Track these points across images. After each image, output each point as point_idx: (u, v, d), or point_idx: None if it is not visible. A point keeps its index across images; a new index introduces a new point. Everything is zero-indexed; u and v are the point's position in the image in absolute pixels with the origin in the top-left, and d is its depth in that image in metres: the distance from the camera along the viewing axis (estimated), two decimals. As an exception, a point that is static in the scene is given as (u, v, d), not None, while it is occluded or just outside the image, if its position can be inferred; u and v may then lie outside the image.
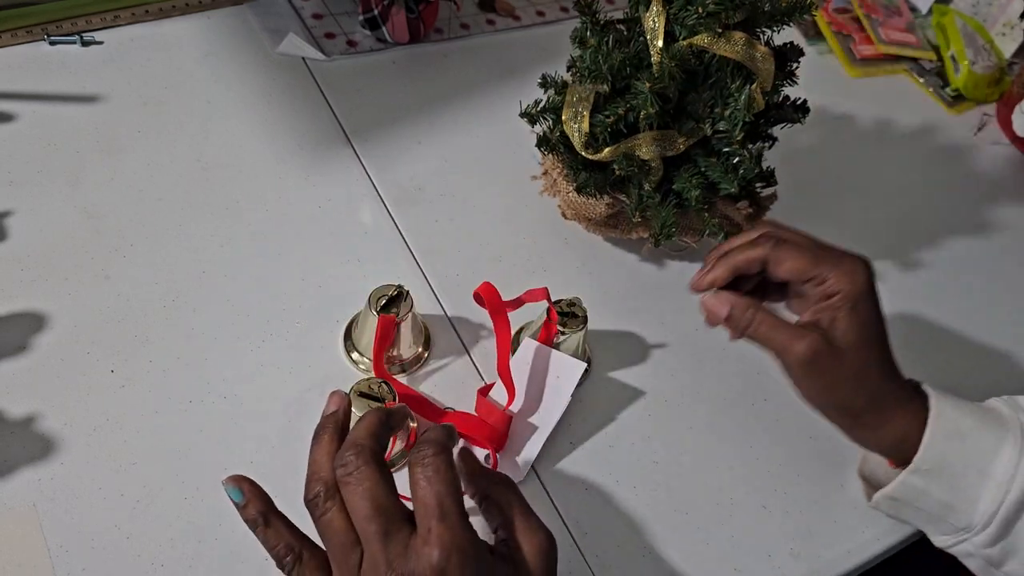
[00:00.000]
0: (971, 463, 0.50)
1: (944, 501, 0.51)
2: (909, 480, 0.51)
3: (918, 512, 0.53)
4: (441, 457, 0.42)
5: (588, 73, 0.60)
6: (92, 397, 0.55)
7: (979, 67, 0.97)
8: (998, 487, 0.50)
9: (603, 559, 0.56)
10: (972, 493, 0.50)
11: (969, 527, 0.51)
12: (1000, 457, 0.50)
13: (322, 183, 0.70)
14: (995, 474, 0.50)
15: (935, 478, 0.51)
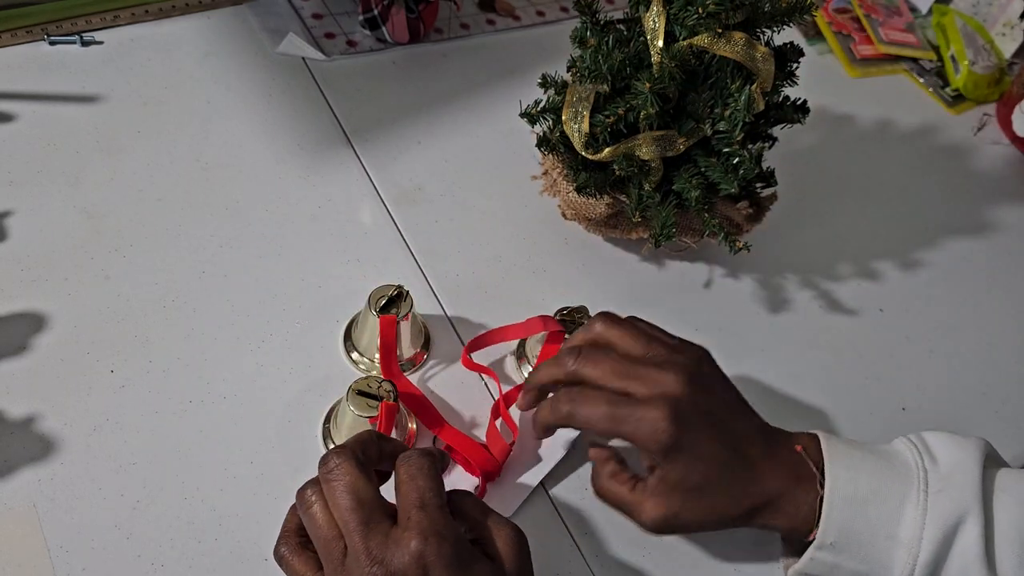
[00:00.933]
0: (877, 529, 0.49)
1: (858, 571, 0.49)
2: (818, 556, 0.49)
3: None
4: (426, 459, 0.45)
5: (588, 73, 0.60)
6: (92, 397, 0.55)
7: (979, 67, 0.97)
8: (908, 551, 0.48)
9: (603, 559, 0.56)
10: (884, 559, 0.49)
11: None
12: (904, 518, 0.48)
13: (322, 183, 0.70)
14: (902, 538, 0.48)
15: (842, 550, 0.49)
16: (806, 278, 0.75)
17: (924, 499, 0.49)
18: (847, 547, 0.49)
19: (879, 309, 0.74)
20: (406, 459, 0.45)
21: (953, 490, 0.49)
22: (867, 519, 0.49)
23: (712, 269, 0.73)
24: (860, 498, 0.49)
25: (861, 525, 0.49)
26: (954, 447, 0.51)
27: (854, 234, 0.80)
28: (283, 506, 0.53)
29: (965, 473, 0.49)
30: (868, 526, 0.49)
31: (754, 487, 0.50)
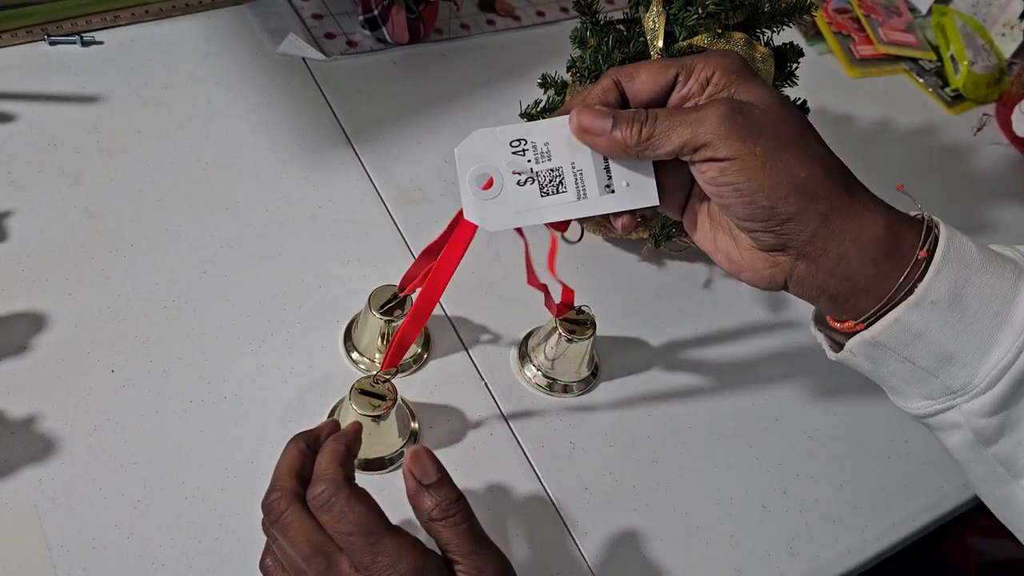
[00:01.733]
0: (989, 300, 0.39)
1: (945, 349, 0.39)
2: (907, 317, 0.39)
3: (902, 364, 0.41)
4: (341, 495, 0.41)
5: (588, 73, 0.60)
6: (92, 397, 0.55)
7: (979, 67, 0.97)
8: (1017, 334, 0.38)
9: (603, 559, 0.56)
10: (984, 339, 0.39)
11: (966, 387, 0.40)
12: (1020, 297, 0.39)
13: (322, 183, 0.70)
14: (1015, 318, 0.39)
15: (942, 315, 0.39)
16: (806, 278, 0.75)
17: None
18: (948, 313, 0.39)
19: (879, 309, 0.74)
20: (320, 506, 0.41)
21: None
22: (982, 286, 0.39)
23: (712, 269, 0.73)
24: (976, 262, 0.40)
25: (973, 291, 0.39)
26: None
27: (854, 234, 0.80)
28: (283, 506, 0.53)
29: None
30: (981, 293, 0.39)
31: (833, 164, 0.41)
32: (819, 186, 0.39)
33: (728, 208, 0.40)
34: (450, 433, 0.59)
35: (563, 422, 0.61)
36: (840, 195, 0.39)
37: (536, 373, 0.62)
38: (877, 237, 0.40)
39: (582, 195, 0.42)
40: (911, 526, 0.62)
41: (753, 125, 0.38)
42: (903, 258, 0.40)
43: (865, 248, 0.40)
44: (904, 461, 0.65)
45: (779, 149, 0.38)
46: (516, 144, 0.42)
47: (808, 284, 0.41)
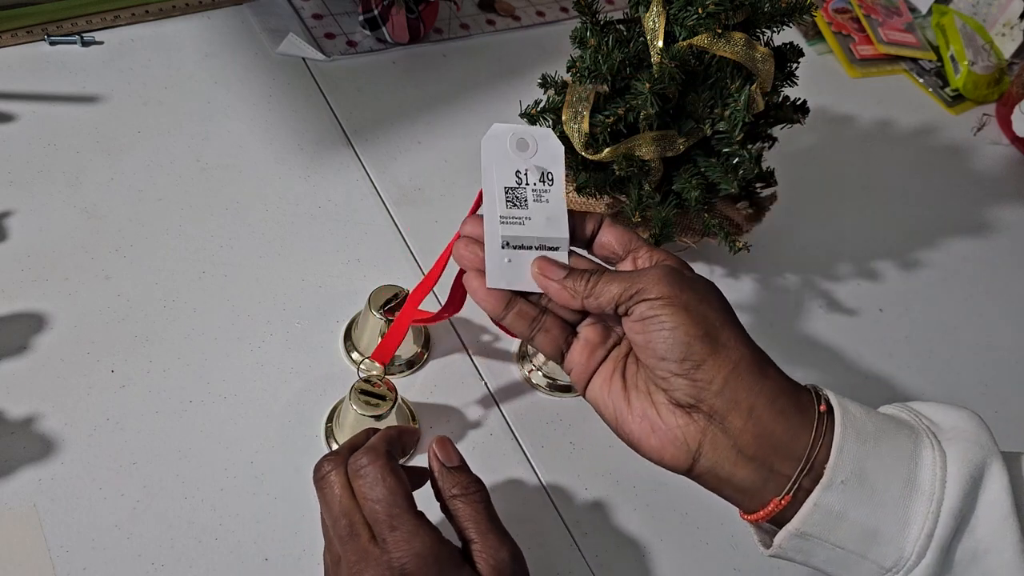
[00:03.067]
0: (893, 470, 0.40)
1: (867, 526, 0.40)
2: (823, 500, 0.40)
3: (833, 552, 0.41)
4: (377, 464, 0.43)
5: (588, 73, 0.60)
6: (92, 397, 0.55)
7: (979, 67, 0.97)
8: (928, 498, 0.39)
9: (603, 559, 0.56)
10: (900, 510, 0.39)
11: (899, 563, 0.40)
12: (922, 461, 0.40)
13: (322, 183, 0.70)
14: (922, 482, 0.39)
15: (854, 492, 0.39)
16: (806, 278, 0.75)
17: (938, 443, 0.40)
18: (859, 490, 0.40)
19: (879, 309, 0.74)
20: (356, 472, 0.44)
21: (966, 437, 0.41)
22: (881, 457, 0.40)
23: (712, 269, 0.73)
24: (872, 434, 0.40)
25: (876, 464, 0.40)
26: (946, 410, 0.44)
27: (854, 234, 0.80)
28: (283, 506, 0.53)
29: (970, 424, 0.42)
30: (882, 465, 0.40)
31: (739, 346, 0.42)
32: (730, 337, 0.42)
33: (649, 344, 0.43)
34: (450, 433, 0.59)
35: (563, 422, 0.61)
36: (747, 349, 0.42)
37: (536, 373, 0.62)
38: (782, 391, 0.42)
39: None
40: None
41: (684, 280, 0.43)
42: (807, 414, 0.41)
43: (773, 401, 0.41)
44: (904, 461, 0.65)
45: (701, 302, 0.43)
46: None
47: (722, 447, 0.42)
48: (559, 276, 0.45)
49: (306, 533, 0.53)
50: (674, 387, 0.42)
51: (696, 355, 0.42)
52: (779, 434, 0.41)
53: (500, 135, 0.47)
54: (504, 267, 0.46)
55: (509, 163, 0.47)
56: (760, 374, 0.42)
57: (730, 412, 0.41)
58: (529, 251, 0.46)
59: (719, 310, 0.43)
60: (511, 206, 0.47)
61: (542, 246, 0.46)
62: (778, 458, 0.41)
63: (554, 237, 0.46)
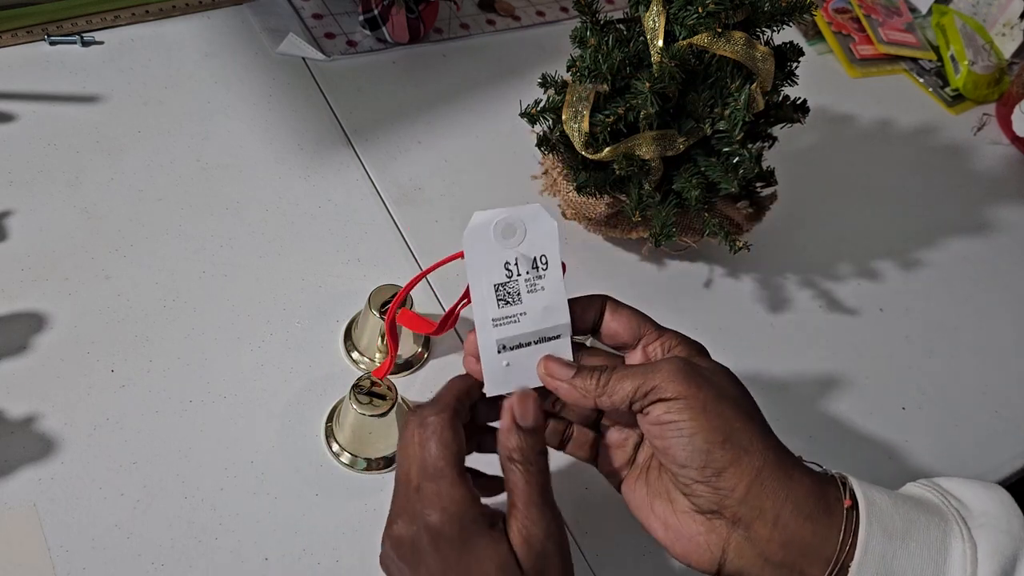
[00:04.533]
0: (922, 567, 0.39)
1: None
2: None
3: None
4: (440, 418, 0.42)
5: (588, 73, 0.60)
6: (92, 397, 0.55)
7: (979, 67, 0.97)
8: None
9: (603, 559, 0.56)
10: None
11: None
12: (951, 557, 0.39)
13: (322, 183, 0.70)
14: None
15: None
16: (806, 278, 0.75)
17: (968, 533, 0.40)
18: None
19: (879, 309, 0.74)
20: (419, 420, 0.43)
21: (999, 524, 0.40)
22: (910, 555, 0.39)
23: (712, 269, 0.73)
24: (900, 531, 0.40)
25: (903, 563, 0.39)
26: (974, 487, 0.43)
27: (854, 234, 0.80)
28: (283, 506, 0.53)
29: (1001, 509, 0.41)
30: (910, 564, 0.39)
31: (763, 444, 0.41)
32: (752, 440, 0.41)
33: (668, 451, 0.41)
34: (450, 433, 0.59)
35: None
36: (770, 452, 0.41)
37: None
38: (808, 493, 0.41)
39: None
40: None
41: (700, 376, 0.41)
42: (834, 514, 0.40)
43: (799, 506, 0.40)
44: (903, 461, 0.65)
45: (720, 400, 0.41)
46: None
47: (748, 555, 0.41)
48: (567, 376, 0.44)
49: (306, 533, 0.53)
50: (695, 493, 0.42)
51: (717, 462, 0.40)
52: (807, 539, 0.40)
53: (482, 226, 0.44)
54: (503, 371, 0.44)
55: (496, 256, 0.44)
56: (785, 478, 0.41)
57: (755, 521, 0.40)
58: (528, 348, 0.43)
59: (739, 407, 0.41)
60: (503, 304, 0.44)
61: (542, 339, 0.43)
62: (806, 562, 0.40)
63: (553, 326, 0.44)
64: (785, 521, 0.40)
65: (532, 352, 0.43)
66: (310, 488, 0.54)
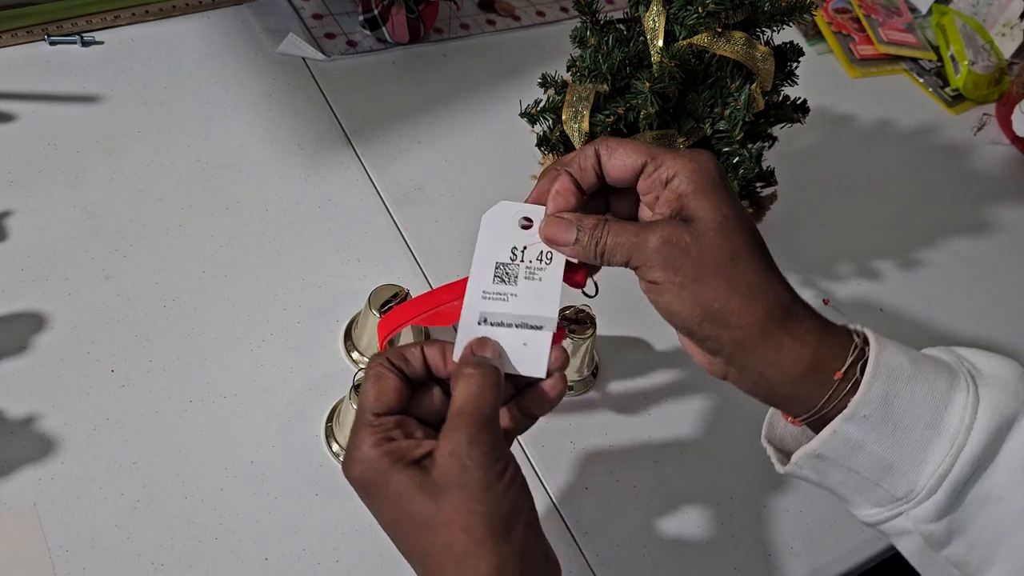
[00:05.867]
0: (920, 411, 0.40)
1: (883, 459, 0.41)
2: (843, 430, 0.40)
3: (847, 475, 0.42)
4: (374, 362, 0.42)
5: (588, 73, 0.60)
6: (92, 397, 0.55)
7: (979, 67, 0.97)
8: (950, 443, 0.40)
9: (603, 559, 0.56)
10: (919, 450, 0.40)
11: (910, 494, 0.41)
12: (953, 406, 0.40)
13: (322, 183, 0.70)
14: (947, 427, 0.40)
15: (876, 427, 0.40)
16: (806, 278, 0.75)
17: (974, 389, 0.41)
18: (881, 425, 0.40)
19: (879, 309, 0.74)
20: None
21: (1006, 387, 0.41)
22: (912, 397, 0.40)
23: (712, 269, 0.72)
24: (907, 374, 0.41)
25: (904, 403, 0.40)
26: (990, 356, 0.44)
27: (854, 234, 0.80)
28: (283, 506, 0.53)
29: (1011, 374, 0.42)
30: (912, 406, 0.40)
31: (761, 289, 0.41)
32: (732, 316, 0.41)
33: (658, 309, 0.43)
34: (450, 433, 0.59)
35: (563, 422, 0.61)
36: (757, 325, 0.41)
37: (536, 373, 0.62)
38: (796, 362, 0.41)
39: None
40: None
41: (680, 253, 0.41)
42: (823, 381, 0.41)
43: (783, 371, 0.41)
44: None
45: (698, 279, 0.41)
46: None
47: (741, 386, 0.44)
48: (570, 239, 0.43)
49: (306, 533, 0.53)
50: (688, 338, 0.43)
51: (696, 334, 0.42)
52: (788, 394, 0.42)
53: (503, 213, 0.45)
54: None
55: (507, 240, 0.45)
56: (771, 347, 0.41)
57: (743, 371, 0.42)
58: (508, 329, 0.43)
59: (724, 281, 0.41)
60: (498, 281, 0.44)
61: (523, 325, 0.43)
62: (790, 407, 0.43)
63: (539, 316, 0.44)
64: (768, 379, 0.42)
65: (511, 335, 0.44)
66: (310, 488, 0.54)
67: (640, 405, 0.63)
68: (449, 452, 0.38)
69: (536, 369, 0.43)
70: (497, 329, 0.43)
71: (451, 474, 0.38)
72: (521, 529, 0.39)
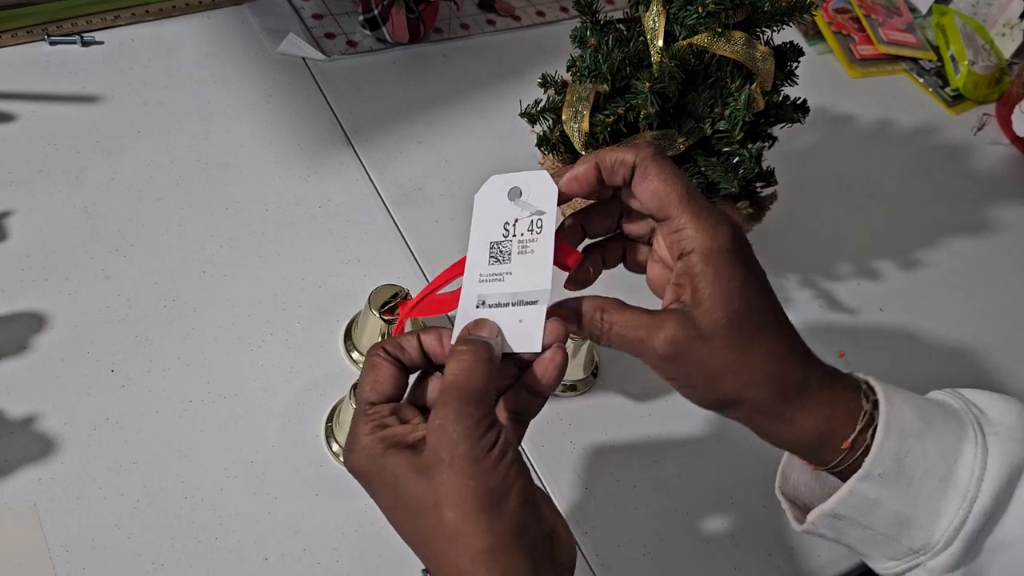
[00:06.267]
0: (932, 467, 0.41)
1: (900, 514, 0.41)
2: (859, 489, 0.41)
3: (864, 532, 0.43)
4: (372, 351, 0.42)
5: (588, 73, 0.60)
6: (92, 397, 0.55)
7: (979, 67, 0.97)
8: (963, 496, 0.41)
9: (604, 559, 0.56)
10: (933, 504, 0.41)
11: (926, 547, 0.42)
12: (963, 458, 0.41)
13: (322, 183, 0.70)
14: (959, 480, 0.41)
15: (891, 485, 0.41)
16: (806, 278, 0.75)
17: (983, 439, 0.42)
18: (896, 482, 0.41)
19: (879, 309, 0.74)
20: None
21: (1013, 434, 0.42)
22: (924, 453, 0.41)
23: (712, 269, 0.72)
24: (916, 431, 0.41)
25: (916, 459, 0.41)
26: (995, 399, 0.45)
27: (854, 234, 0.80)
28: (283, 506, 0.53)
29: (1018, 419, 0.43)
30: (924, 461, 0.41)
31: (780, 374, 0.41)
32: (745, 402, 0.42)
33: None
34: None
35: (563, 422, 0.61)
36: (767, 405, 0.42)
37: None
38: (805, 434, 0.42)
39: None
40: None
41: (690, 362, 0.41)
42: (834, 446, 0.42)
43: (794, 440, 0.43)
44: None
45: (711, 381, 0.41)
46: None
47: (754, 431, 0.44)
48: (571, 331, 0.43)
49: (306, 533, 0.53)
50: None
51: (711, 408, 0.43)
52: (799, 455, 0.44)
53: (494, 188, 0.45)
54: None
55: (499, 216, 0.45)
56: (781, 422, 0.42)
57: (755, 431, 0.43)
58: (505, 308, 0.43)
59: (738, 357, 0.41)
60: (493, 262, 0.44)
61: (519, 302, 0.43)
62: (799, 462, 0.46)
63: (533, 290, 0.43)
64: (779, 442, 0.43)
65: (507, 314, 0.43)
66: (310, 488, 0.54)
67: (640, 405, 0.63)
68: (437, 427, 0.38)
69: (532, 344, 0.42)
70: (494, 310, 0.43)
71: (440, 450, 0.37)
72: (514, 505, 0.37)
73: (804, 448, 0.43)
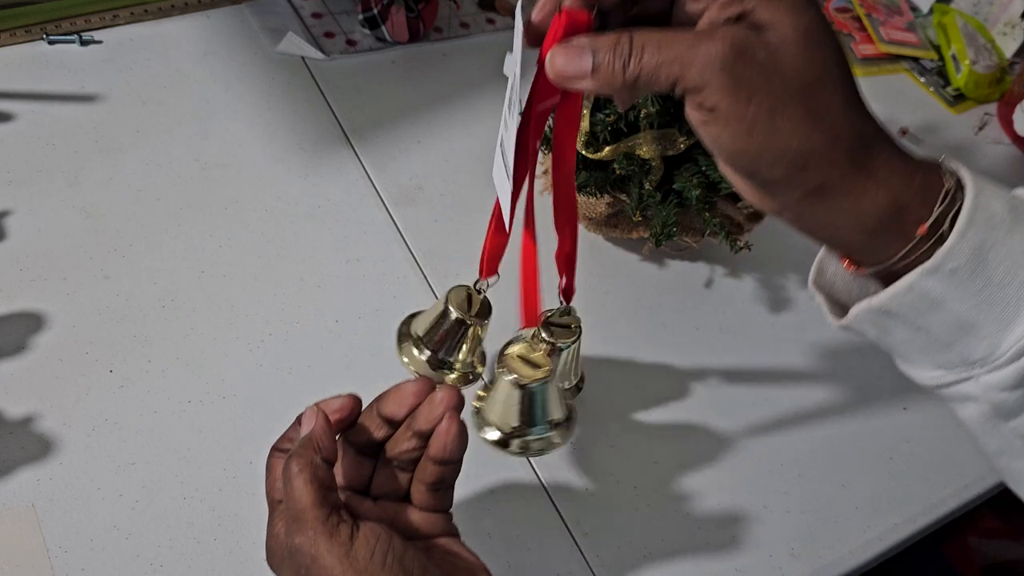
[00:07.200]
0: (1016, 266, 0.34)
1: (964, 319, 0.35)
2: (922, 285, 0.34)
3: (915, 335, 0.36)
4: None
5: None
6: (91, 397, 0.55)
7: (980, 66, 0.97)
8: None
9: (603, 559, 0.56)
10: (1009, 310, 0.34)
11: (986, 359, 0.35)
12: None
13: (322, 183, 0.70)
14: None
15: (962, 284, 0.34)
16: (807, 277, 0.74)
17: None
18: (969, 281, 0.34)
19: (880, 309, 0.74)
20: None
21: None
22: (1010, 251, 0.34)
23: (713, 269, 0.72)
24: (1007, 223, 0.34)
25: (1000, 257, 0.34)
26: None
27: (855, 233, 0.79)
28: (282, 506, 0.53)
29: None
30: (1008, 259, 0.34)
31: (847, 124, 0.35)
32: (814, 156, 0.33)
33: (712, 152, 0.36)
34: (450, 433, 0.58)
35: (563, 422, 0.61)
36: (839, 166, 0.34)
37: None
38: (875, 209, 0.35)
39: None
40: (912, 527, 0.62)
41: (753, 75, 0.32)
42: (904, 231, 0.35)
43: (858, 220, 0.35)
44: (906, 462, 0.65)
45: (776, 110, 0.32)
46: None
47: (798, 226, 0.37)
48: (585, 70, 0.34)
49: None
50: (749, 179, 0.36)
51: (763, 178, 0.35)
52: (857, 247, 0.37)
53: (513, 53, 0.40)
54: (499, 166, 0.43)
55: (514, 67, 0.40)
56: (852, 193, 0.34)
57: (804, 215, 0.36)
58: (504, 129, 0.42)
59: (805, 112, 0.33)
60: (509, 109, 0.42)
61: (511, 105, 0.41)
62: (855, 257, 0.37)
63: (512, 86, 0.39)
64: (836, 227, 0.36)
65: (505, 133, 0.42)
66: (309, 488, 0.54)
67: (640, 406, 0.63)
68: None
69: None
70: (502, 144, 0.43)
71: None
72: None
73: (866, 233, 0.35)
